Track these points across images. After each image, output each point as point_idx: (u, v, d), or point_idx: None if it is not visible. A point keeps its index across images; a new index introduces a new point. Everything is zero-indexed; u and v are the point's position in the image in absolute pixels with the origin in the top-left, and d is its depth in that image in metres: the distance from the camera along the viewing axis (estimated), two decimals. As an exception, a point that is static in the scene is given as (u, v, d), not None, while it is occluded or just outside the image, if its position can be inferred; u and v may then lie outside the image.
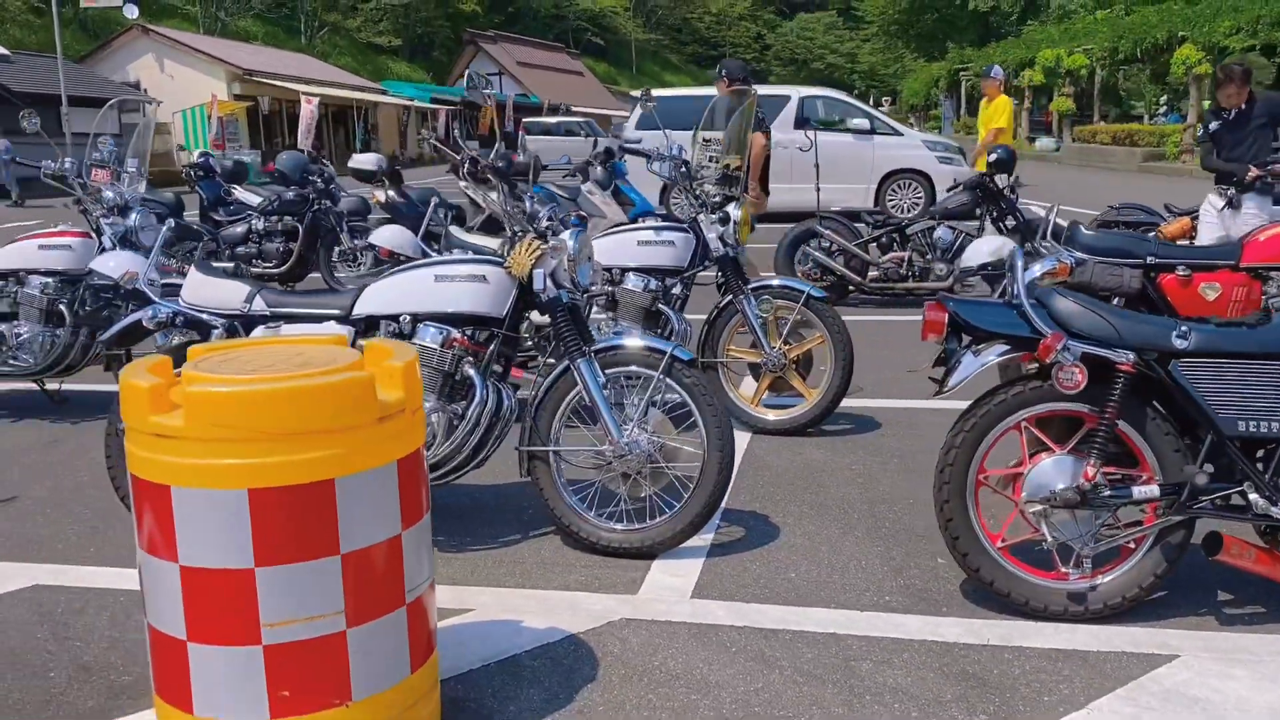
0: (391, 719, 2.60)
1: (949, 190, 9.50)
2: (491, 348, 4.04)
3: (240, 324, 4.16)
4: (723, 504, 3.99)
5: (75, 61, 36.58)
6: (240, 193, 12.77)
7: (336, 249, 10.77)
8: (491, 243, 5.97)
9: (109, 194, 6.13)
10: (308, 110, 36.23)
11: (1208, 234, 7.81)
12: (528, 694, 2.99)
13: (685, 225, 5.55)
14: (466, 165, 4.27)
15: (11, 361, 5.97)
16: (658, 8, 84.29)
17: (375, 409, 2.47)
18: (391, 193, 12.34)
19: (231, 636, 2.40)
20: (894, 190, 16.36)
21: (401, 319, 4.01)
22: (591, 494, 4.07)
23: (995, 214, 9.15)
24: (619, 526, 3.98)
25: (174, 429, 2.35)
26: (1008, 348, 3.38)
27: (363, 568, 2.48)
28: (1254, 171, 7.30)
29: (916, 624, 3.37)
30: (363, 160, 13.40)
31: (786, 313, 5.40)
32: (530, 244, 3.97)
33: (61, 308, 5.99)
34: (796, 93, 16.81)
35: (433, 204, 12.94)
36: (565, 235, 4.02)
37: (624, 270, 5.48)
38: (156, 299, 4.32)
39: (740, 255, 5.54)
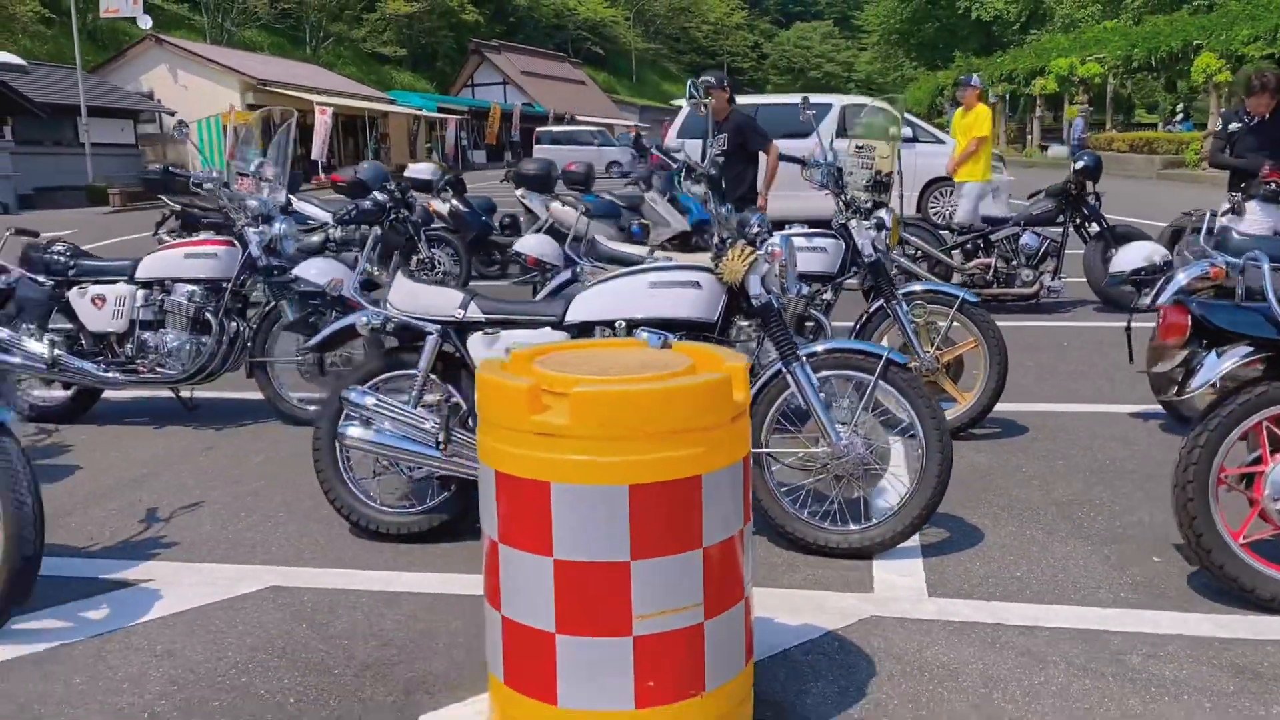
0: (730, 710, 2.67)
1: (1030, 197, 9.60)
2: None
3: (453, 330, 4.24)
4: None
5: (88, 72, 36.56)
6: (299, 204, 12.83)
7: (415, 258, 10.82)
8: (640, 250, 6.04)
9: (253, 203, 6.19)
10: (322, 121, 36.33)
11: None
12: (816, 688, 3.07)
13: (835, 231, 5.64)
14: (684, 172, 4.33)
15: (159, 369, 6.02)
16: (656, 17, 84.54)
17: (731, 408, 2.55)
18: (455, 202, 12.44)
19: (604, 628, 2.47)
20: (935, 198, 16.51)
21: (617, 325, 4.09)
22: (803, 496, 4.14)
23: (1079, 220, 9.27)
24: (836, 528, 4.05)
25: (557, 427, 2.42)
26: (1251, 350, 3.47)
27: (717, 561, 2.55)
28: (1267, 169, 7.41)
29: (1168, 619, 3.45)
30: (419, 170, 13.49)
31: (939, 318, 5.49)
32: (743, 250, 4.05)
33: (208, 315, 6.05)
34: (839, 101, 16.93)
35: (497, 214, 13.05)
36: (777, 241, 4.10)
37: None
38: (366, 304, 4.39)
39: (890, 260, 5.63)
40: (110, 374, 6.03)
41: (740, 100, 17.84)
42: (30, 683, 3.22)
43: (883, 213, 5.52)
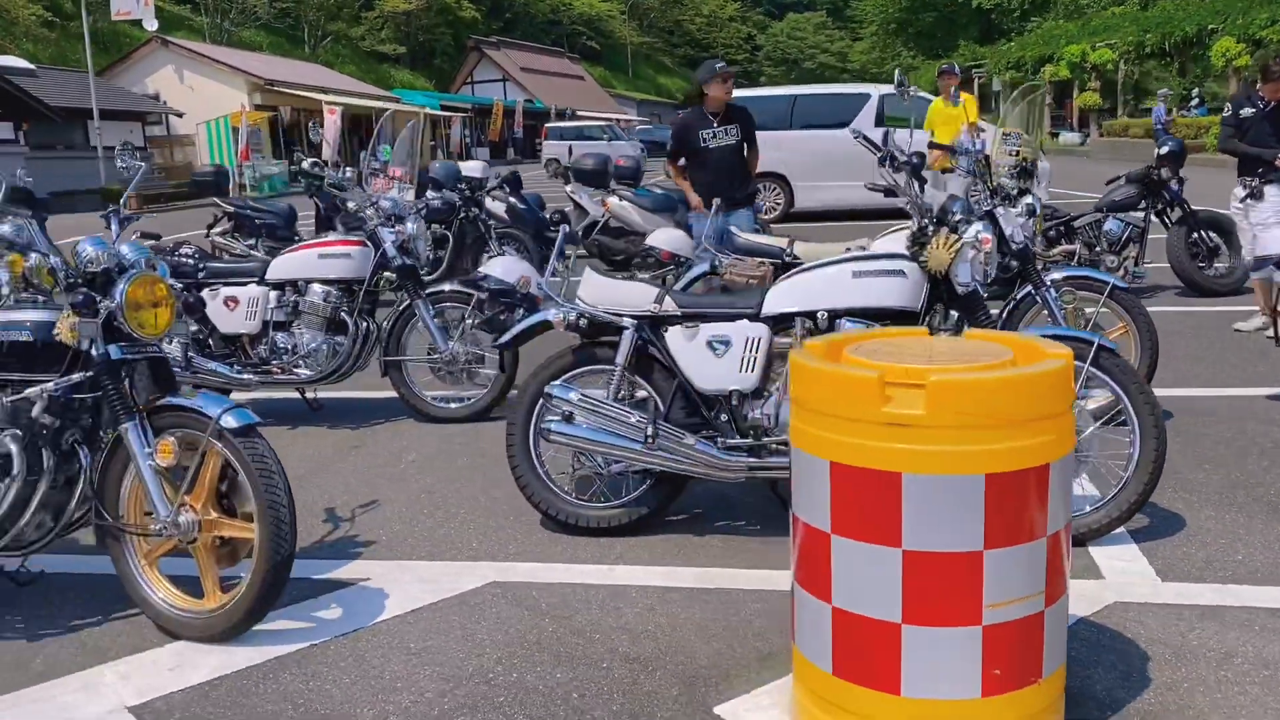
0: (1057, 696, 2.69)
1: (1109, 183, 9.62)
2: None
3: (648, 324, 4.24)
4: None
5: (95, 75, 36.38)
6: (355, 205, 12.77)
7: (486, 255, 10.79)
8: (779, 242, 6.04)
9: (386, 203, 6.18)
10: (331, 121, 36.19)
11: (1242, 222, 7.95)
12: (1098, 673, 3.08)
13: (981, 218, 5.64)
14: (889, 161, 4.34)
15: (295, 370, 6.01)
16: (650, 11, 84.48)
17: (1070, 396, 2.56)
18: (512, 199, 12.40)
19: (954, 618, 2.48)
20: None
21: (819, 315, 4.09)
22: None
23: (1160, 206, 9.28)
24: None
25: (911, 418, 2.42)
26: None
27: (1055, 551, 2.56)
28: None
29: None
30: (470, 168, 13.45)
31: (1088, 304, 5.50)
32: (948, 239, 4.06)
33: (344, 315, 6.04)
34: (877, 91, 16.95)
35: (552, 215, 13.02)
36: (979, 229, 4.11)
37: None
38: (560, 300, 4.38)
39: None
40: (244, 375, 6.02)
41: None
42: (300, 681, 3.22)
43: (1030, 199, 5.52)
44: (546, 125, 41.36)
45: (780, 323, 4.13)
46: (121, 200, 4.03)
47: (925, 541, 2.46)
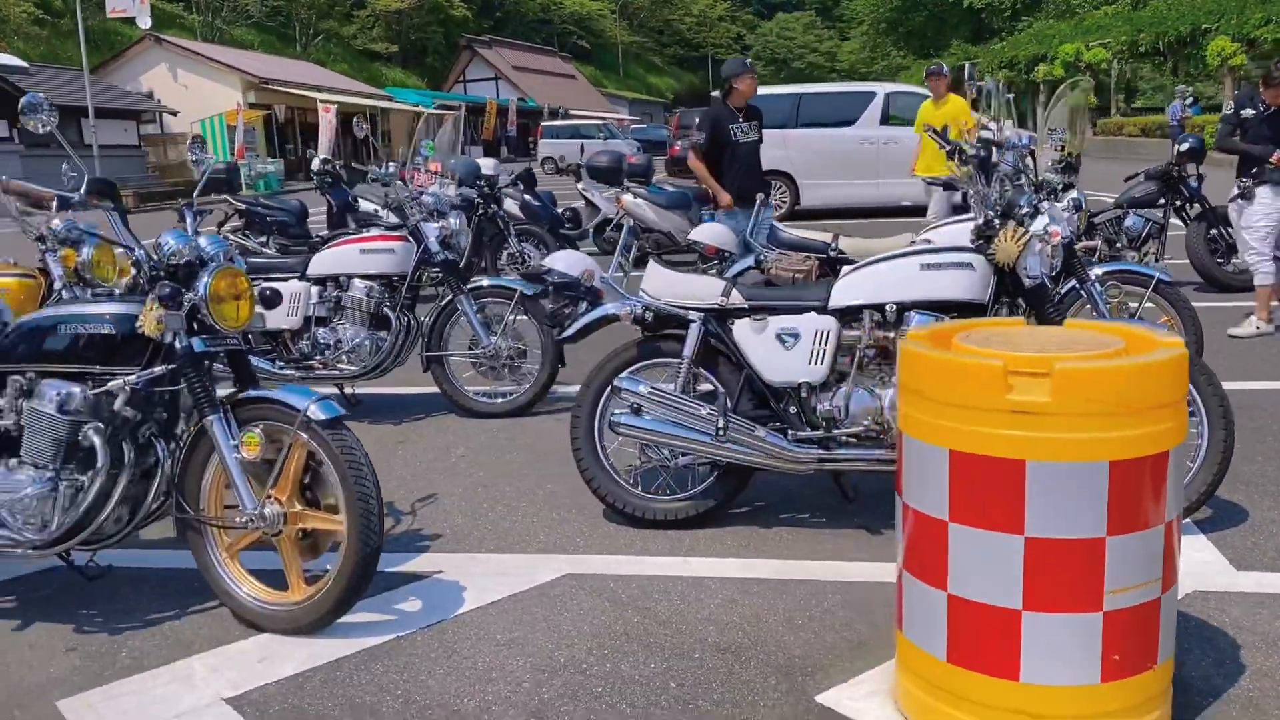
0: (1168, 682, 2.71)
1: (1127, 180, 9.67)
2: (979, 334, 4.14)
3: (714, 317, 4.25)
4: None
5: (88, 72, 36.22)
6: (364, 203, 12.82)
7: (505, 252, 10.80)
8: (824, 236, 6.07)
9: (428, 199, 6.19)
10: (327, 119, 36.10)
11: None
12: (1190, 659, 3.10)
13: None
14: (958, 155, 4.36)
15: (339, 366, 6.00)
16: (640, 10, 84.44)
17: (1185, 384, 2.58)
18: (527, 196, 12.40)
19: (1075, 604, 2.50)
20: (980, 184, 16.56)
21: (887, 308, 4.11)
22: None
23: (1179, 202, 9.34)
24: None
25: (1037, 405, 2.44)
26: None
27: (1170, 538, 2.59)
28: (1278, 155, 7.49)
29: None
30: (484, 165, 13.43)
31: (1132, 298, 5.53)
32: (1016, 232, 4.09)
33: (386, 311, 6.04)
34: (882, 89, 17.00)
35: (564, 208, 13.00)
36: (1046, 221, 4.13)
37: None
38: (624, 294, 4.39)
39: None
40: (285, 371, 6.01)
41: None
42: (393, 673, 3.22)
43: (1075, 194, 5.55)
44: (542, 124, 41.35)
45: (849, 314, 4.15)
46: (194, 195, 4.03)
47: (1048, 528, 2.48)
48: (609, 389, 4.36)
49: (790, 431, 4.13)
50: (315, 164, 13.21)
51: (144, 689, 3.20)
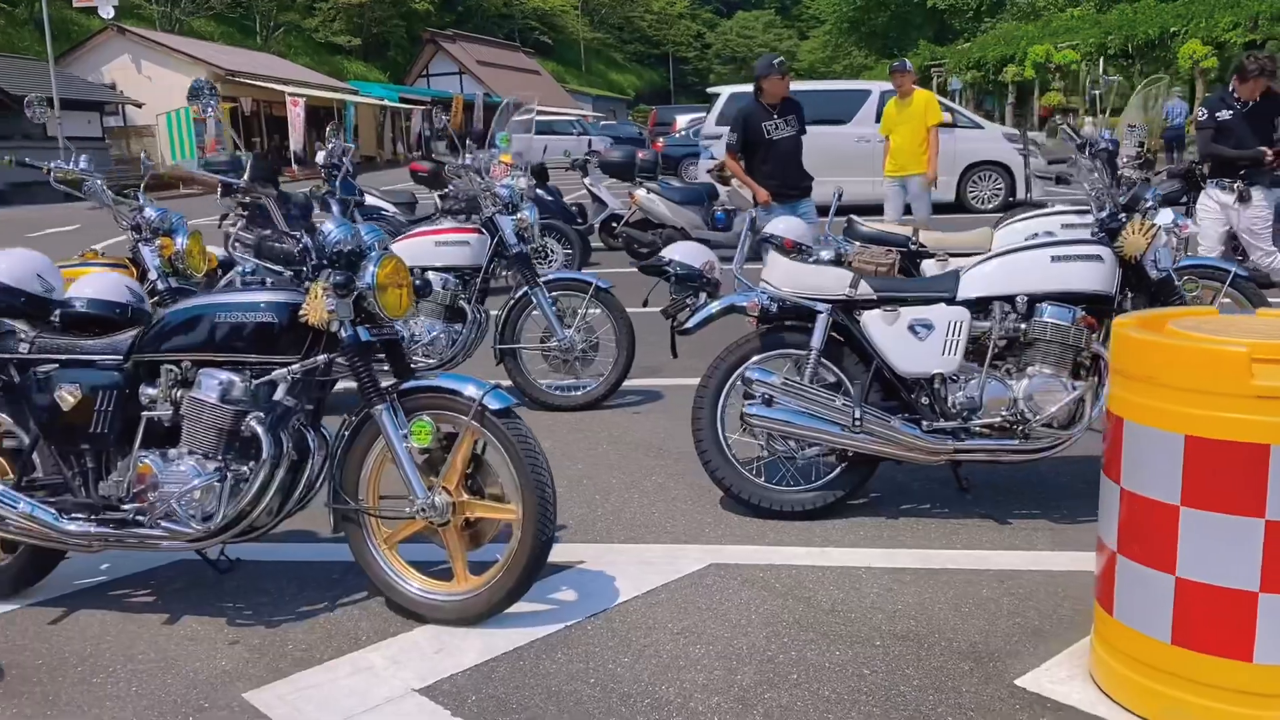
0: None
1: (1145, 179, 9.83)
2: (1105, 325, 4.21)
3: (841, 309, 4.28)
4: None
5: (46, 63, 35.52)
6: (371, 198, 12.75)
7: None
8: (903, 229, 6.11)
9: (502, 191, 6.16)
10: (295, 112, 35.73)
11: (1212, 229, 8.14)
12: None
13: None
14: (1088, 149, 4.41)
15: (416, 360, 5.95)
16: (601, 6, 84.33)
17: None
18: (539, 191, 12.37)
19: (1311, 586, 2.56)
20: (975, 182, 16.79)
21: (1017, 299, 4.16)
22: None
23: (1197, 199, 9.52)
24: None
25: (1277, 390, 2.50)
26: None
27: (1394, 519, 2.65)
28: (1270, 154, 7.69)
29: None
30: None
31: (1210, 292, 5.64)
32: (1143, 225, 4.16)
33: (462, 303, 6.00)
34: (878, 87, 17.13)
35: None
36: (1174, 215, 4.21)
37: None
38: (749, 285, 4.41)
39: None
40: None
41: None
42: (578, 662, 3.22)
43: (1153, 191, 5.64)
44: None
45: (980, 306, 4.19)
46: (335, 182, 3.99)
47: (1291, 512, 2.53)
48: (730, 381, 4.37)
49: (926, 422, 4.16)
50: (321, 157, 13.06)
51: (329, 681, 3.17)
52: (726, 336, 4.56)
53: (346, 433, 3.56)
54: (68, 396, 3.53)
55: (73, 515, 3.54)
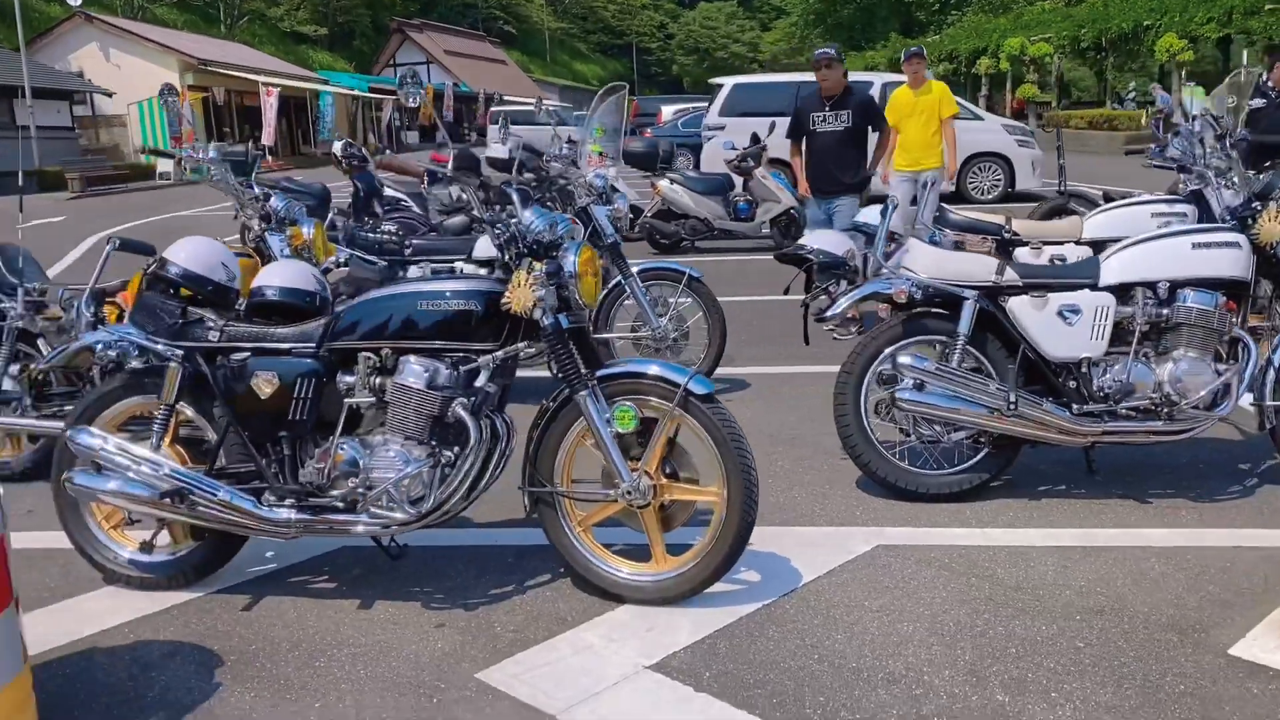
0: None
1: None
2: (1243, 310, 4.35)
3: (986, 295, 4.39)
4: None
5: (13, 50, 34.83)
6: (389, 189, 12.70)
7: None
8: (995, 218, 6.21)
9: (597, 180, 6.20)
10: (269, 102, 35.32)
11: None
12: None
13: (1187, 198, 5.90)
14: (1226, 139, 4.54)
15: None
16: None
17: None
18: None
19: None
20: (974, 173, 17.01)
21: (1159, 286, 4.29)
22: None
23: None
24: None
25: None
26: None
27: None
28: None
29: None
30: (498, 150, 13.38)
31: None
32: (1278, 213, 4.30)
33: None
34: (879, 79, 17.27)
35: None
36: (1302, 206, 4.35)
37: None
38: (892, 271, 4.50)
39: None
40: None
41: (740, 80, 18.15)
42: (794, 639, 3.30)
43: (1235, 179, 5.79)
44: (491, 110, 40.98)
45: (1122, 292, 4.31)
46: (449, 169, 4.02)
47: None
48: (872, 368, 4.46)
49: (1076, 406, 4.28)
50: (338, 148, 13.00)
51: (556, 660, 3.22)
52: (786, 328, 4.63)
53: (543, 418, 3.61)
54: (265, 385, 3.55)
55: (271, 502, 3.56)
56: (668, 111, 28.15)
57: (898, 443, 4.51)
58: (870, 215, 6.49)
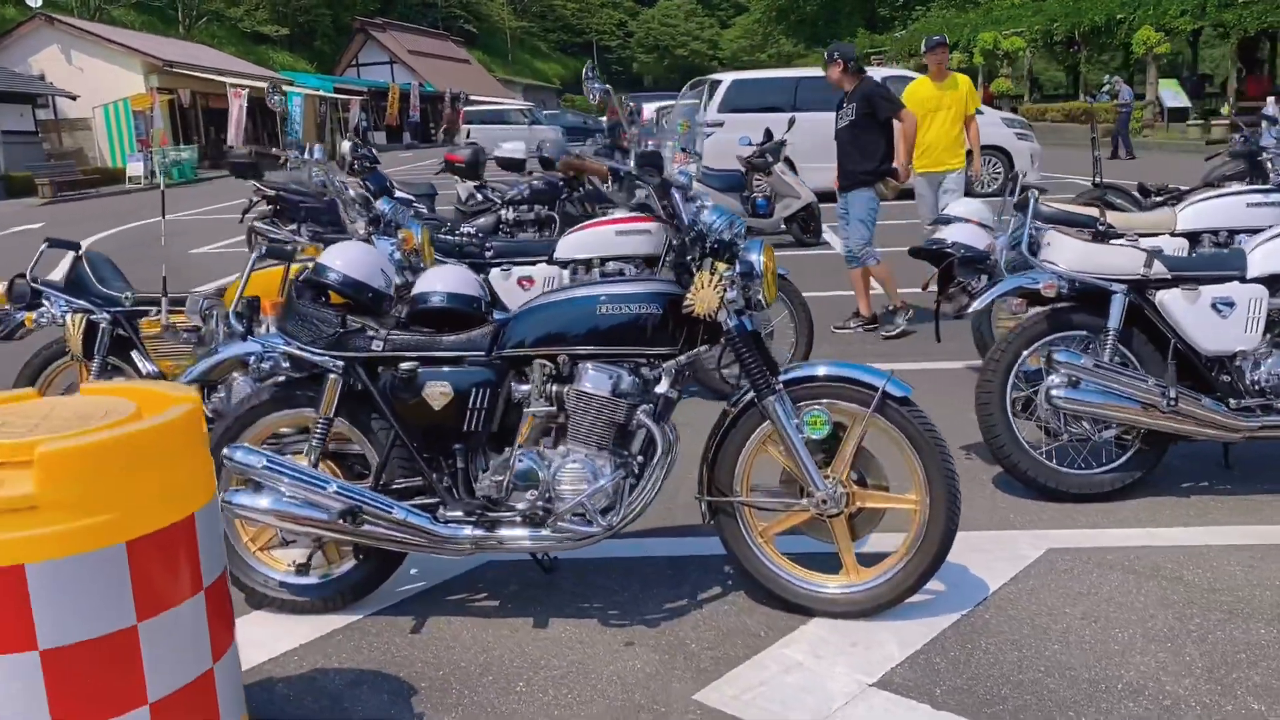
0: None
1: (1208, 159, 10.05)
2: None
3: (1134, 289, 4.29)
4: None
5: (-30, 53, 34.12)
6: (399, 191, 12.49)
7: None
8: (1089, 210, 6.13)
9: (682, 178, 6.03)
10: (237, 104, 34.76)
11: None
12: None
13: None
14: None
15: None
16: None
17: None
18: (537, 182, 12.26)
19: None
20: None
21: (1301, 279, 4.22)
22: None
23: (1259, 180, 9.77)
24: None
25: None
26: None
27: None
28: None
29: None
30: (511, 149, 13.23)
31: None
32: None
33: (648, 292, 5.88)
34: (877, 75, 17.22)
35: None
36: None
37: None
38: (1039, 265, 4.39)
39: None
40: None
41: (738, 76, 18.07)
42: (1008, 650, 3.19)
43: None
44: (464, 110, 40.66)
45: (1274, 283, 4.23)
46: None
47: None
48: (1016, 366, 4.36)
49: (1233, 400, 4.19)
50: (345, 147, 12.77)
51: (768, 679, 3.08)
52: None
53: (722, 424, 3.46)
54: (439, 395, 3.37)
55: (448, 518, 3.38)
56: (649, 109, 27.84)
57: (1042, 442, 4.40)
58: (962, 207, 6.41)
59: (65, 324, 4.68)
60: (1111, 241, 4.71)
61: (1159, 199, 9.47)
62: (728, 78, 17.75)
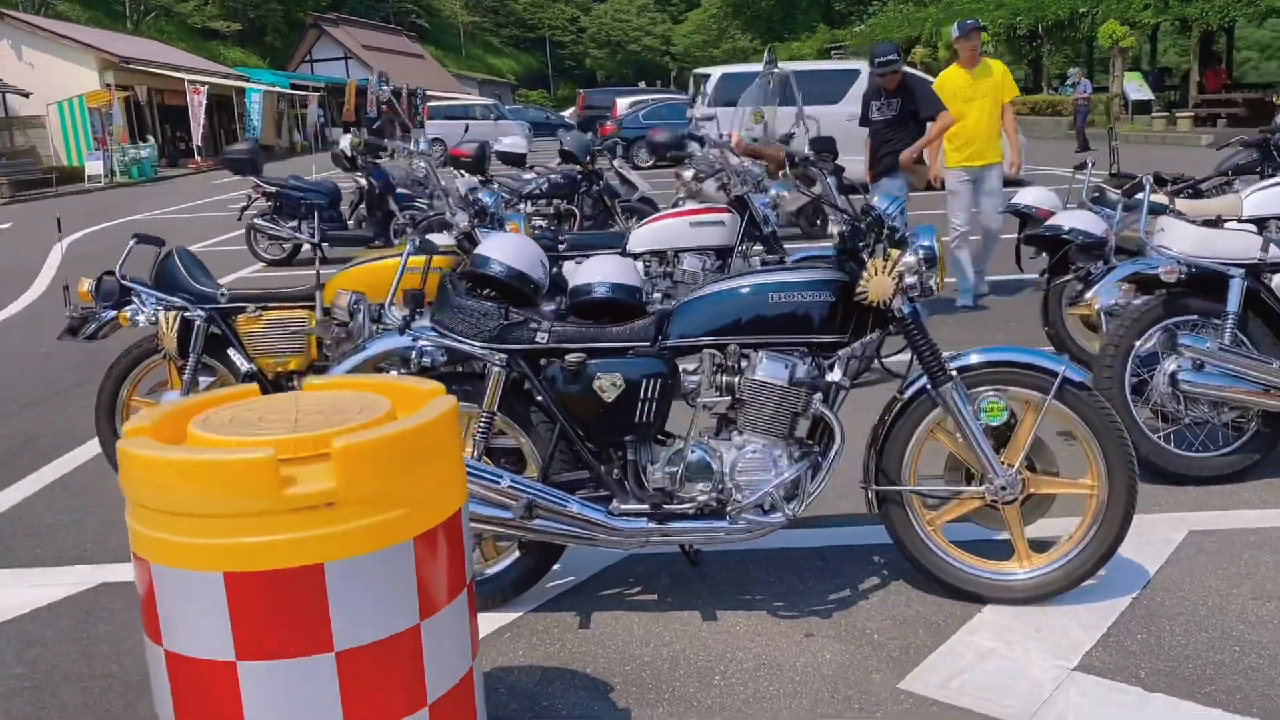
0: None
1: (1220, 149, 10.21)
2: None
3: (1251, 273, 4.33)
4: None
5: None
6: (401, 186, 12.40)
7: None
8: (1157, 196, 6.19)
9: (755, 170, 6.04)
10: (197, 101, 34.18)
11: None
12: None
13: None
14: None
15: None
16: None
17: None
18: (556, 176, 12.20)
19: None
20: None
21: None
22: None
23: (1274, 169, 9.94)
24: None
25: None
26: None
27: None
28: None
29: None
30: (512, 144, 13.14)
31: None
32: None
33: (722, 283, 5.86)
34: (866, 68, 17.33)
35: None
36: None
37: None
38: (1158, 250, 4.41)
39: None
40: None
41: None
42: (1194, 634, 3.19)
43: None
44: (427, 105, 40.27)
45: (1384, 270, 4.30)
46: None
47: None
48: (1134, 350, 4.38)
49: (1354, 383, 4.25)
50: (345, 144, 12.63)
51: (968, 667, 3.06)
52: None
53: (890, 412, 3.44)
54: (609, 387, 3.31)
55: (621, 511, 3.33)
56: (623, 104, 27.85)
57: (1161, 426, 4.43)
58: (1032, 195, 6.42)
59: (159, 322, 4.54)
60: (1225, 226, 4.74)
61: (1175, 188, 9.60)
62: (716, 72, 17.79)
